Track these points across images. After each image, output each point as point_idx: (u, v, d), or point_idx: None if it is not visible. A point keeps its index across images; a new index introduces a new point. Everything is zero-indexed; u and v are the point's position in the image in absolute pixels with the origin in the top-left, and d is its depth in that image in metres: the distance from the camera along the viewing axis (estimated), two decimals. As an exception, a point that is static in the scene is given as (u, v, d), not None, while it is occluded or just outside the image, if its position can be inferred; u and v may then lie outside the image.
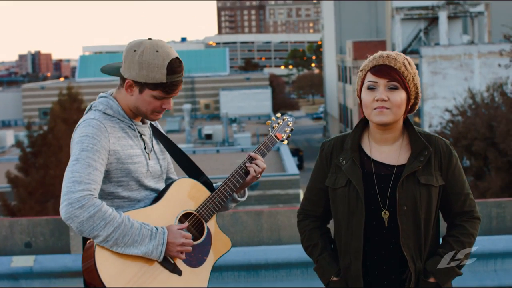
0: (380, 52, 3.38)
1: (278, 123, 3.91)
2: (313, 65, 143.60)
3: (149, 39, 3.46)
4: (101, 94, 3.58)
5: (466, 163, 28.14)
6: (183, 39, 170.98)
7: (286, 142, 3.94)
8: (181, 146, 4.29)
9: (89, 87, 78.80)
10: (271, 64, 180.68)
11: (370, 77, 3.34)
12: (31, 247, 6.75)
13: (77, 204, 3.18)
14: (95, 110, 3.48)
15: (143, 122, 3.59)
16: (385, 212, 3.32)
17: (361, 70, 3.41)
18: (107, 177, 3.41)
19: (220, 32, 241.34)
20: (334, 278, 3.44)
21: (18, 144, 32.09)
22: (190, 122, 58.91)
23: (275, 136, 3.85)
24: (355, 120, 58.68)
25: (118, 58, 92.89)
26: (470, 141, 26.84)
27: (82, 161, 3.27)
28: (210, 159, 36.76)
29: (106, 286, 3.23)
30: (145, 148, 3.53)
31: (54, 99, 39.12)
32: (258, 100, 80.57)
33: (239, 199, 3.78)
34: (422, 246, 3.32)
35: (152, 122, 3.68)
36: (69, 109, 35.74)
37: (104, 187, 3.42)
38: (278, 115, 3.96)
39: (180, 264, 3.42)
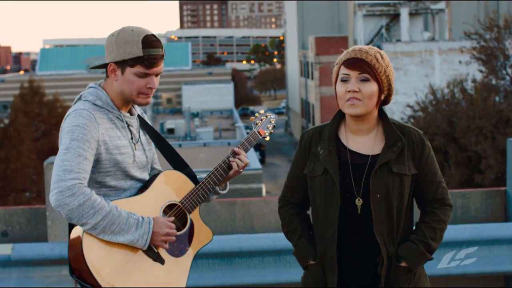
0: (353, 46, 3.56)
1: (262, 120, 4.03)
2: (275, 60, 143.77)
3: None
4: (91, 84, 3.65)
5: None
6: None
7: (268, 138, 4.06)
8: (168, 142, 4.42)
9: (50, 80, 78.00)
10: (233, 59, 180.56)
11: (343, 70, 3.52)
12: (7, 236, 6.80)
13: (68, 192, 3.26)
14: (84, 100, 3.55)
15: (131, 114, 3.68)
16: (359, 200, 3.49)
17: (336, 64, 3.59)
18: (96, 166, 3.49)
19: (182, 26, 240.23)
20: (311, 262, 3.61)
21: (-21, 137, 31.77)
22: (152, 117, 58.81)
23: (258, 132, 3.98)
24: (317, 115, 59.01)
25: (79, 51, 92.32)
26: (431, 137, 27.16)
27: (72, 151, 3.34)
28: (173, 153, 36.64)
29: (92, 272, 3.33)
30: (132, 139, 3.62)
31: (14, 92, 38.82)
32: (221, 95, 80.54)
33: (220, 191, 3.91)
34: (394, 232, 3.48)
35: (139, 113, 3.78)
36: (31, 102, 35.52)
37: (93, 176, 3.50)
38: (262, 111, 4.10)
39: (163, 253, 3.55)
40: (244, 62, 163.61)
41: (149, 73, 3.50)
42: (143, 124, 3.77)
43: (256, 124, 4.01)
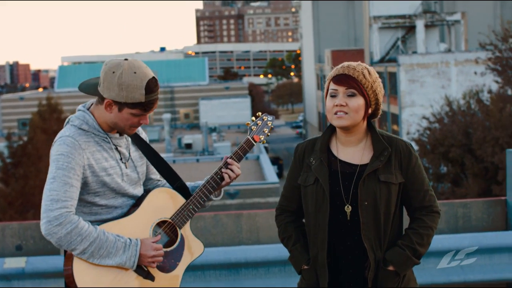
0: (343, 63, 3.76)
1: (257, 124, 4.04)
2: (292, 74, 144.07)
3: (126, 59, 3.63)
4: (79, 107, 3.76)
5: (443, 169, 28.50)
6: (162, 49, 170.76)
7: (264, 142, 4.10)
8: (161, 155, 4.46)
9: (69, 97, 78.63)
10: (251, 73, 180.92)
11: (332, 86, 3.74)
12: (21, 250, 6.97)
13: (55, 222, 3.44)
14: (71, 125, 3.68)
15: (120, 134, 3.78)
16: (348, 207, 3.67)
17: (327, 80, 3.80)
18: (85, 188, 3.63)
19: (199, 41, 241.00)
20: (305, 267, 3.80)
21: (-2, 155, 32.11)
22: (169, 132, 59.00)
23: (253, 138, 3.99)
24: (334, 128, 58.97)
25: (97, 68, 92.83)
26: (447, 148, 27.18)
27: (58, 180, 3.51)
28: (190, 168, 36.86)
29: None
30: (121, 159, 3.75)
31: (33, 110, 39.18)
32: (238, 109, 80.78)
33: (214, 198, 3.99)
34: (382, 237, 3.67)
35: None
36: (49, 120, 35.81)
37: (83, 197, 3.65)
38: (259, 114, 4.11)
39: (153, 270, 3.71)
40: (261, 76, 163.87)
41: (145, 114, 3.65)
42: (135, 140, 3.87)
43: (251, 129, 4.02)
